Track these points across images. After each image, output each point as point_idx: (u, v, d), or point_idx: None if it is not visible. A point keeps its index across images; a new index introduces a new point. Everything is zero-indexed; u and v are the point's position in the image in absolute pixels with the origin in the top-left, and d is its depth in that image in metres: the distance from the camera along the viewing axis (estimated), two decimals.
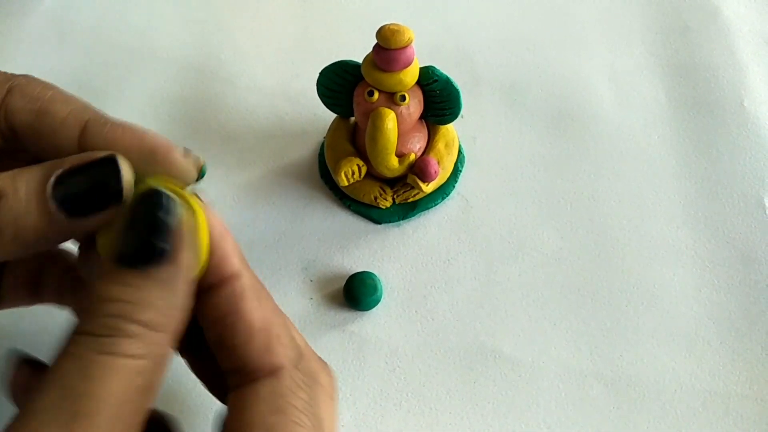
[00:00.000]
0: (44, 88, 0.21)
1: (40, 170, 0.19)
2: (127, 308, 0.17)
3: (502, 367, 0.30)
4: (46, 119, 0.21)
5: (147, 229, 0.18)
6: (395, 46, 0.29)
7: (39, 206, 0.18)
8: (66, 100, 0.21)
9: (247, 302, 0.20)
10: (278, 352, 0.20)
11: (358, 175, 0.33)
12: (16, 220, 0.18)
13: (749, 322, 0.31)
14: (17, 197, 0.18)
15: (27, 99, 0.21)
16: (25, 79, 0.22)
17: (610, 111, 0.38)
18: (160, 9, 0.44)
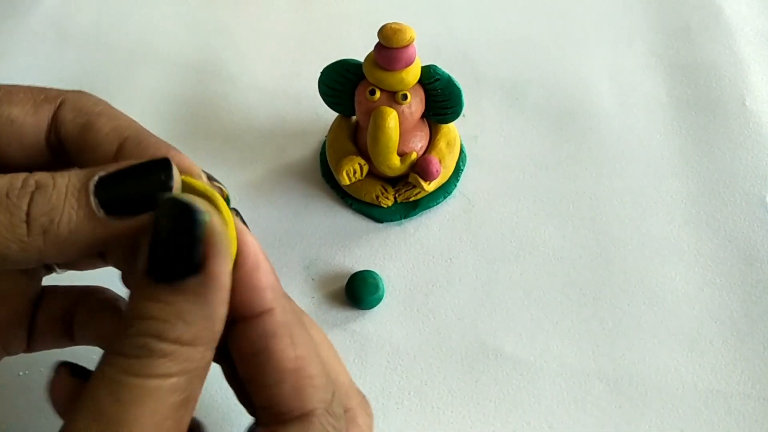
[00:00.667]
0: (95, 103, 0.22)
1: (82, 171, 0.19)
2: (158, 326, 0.17)
3: (504, 366, 0.30)
4: (90, 133, 0.21)
5: (174, 240, 0.17)
6: (397, 45, 0.29)
7: (79, 201, 0.18)
8: (113, 115, 0.21)
9: (278, 341, 0.19)
10: (309, 396, 0.19)
11: (359, 174, 0.33)
12: (51, 212, 0.18)
13: (751, 321, 0.31)
14: (57, 190, 0.18)
15: (76, 113, 0.21)
16: (77, 94, 0.22)
17: (611, 110, 0.38)
18: (161, 8, 0.44)
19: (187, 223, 0.17)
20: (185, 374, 0.17)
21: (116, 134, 0.21)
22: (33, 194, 0.18)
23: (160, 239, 0.17)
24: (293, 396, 0.19)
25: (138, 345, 0.17)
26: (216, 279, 0.17)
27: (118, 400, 0.16)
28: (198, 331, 0.17)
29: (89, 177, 0.18)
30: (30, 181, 0.18)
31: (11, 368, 0.31)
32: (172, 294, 0.17)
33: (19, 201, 0.17)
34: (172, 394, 0.17)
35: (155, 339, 0.17)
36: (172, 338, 0.17)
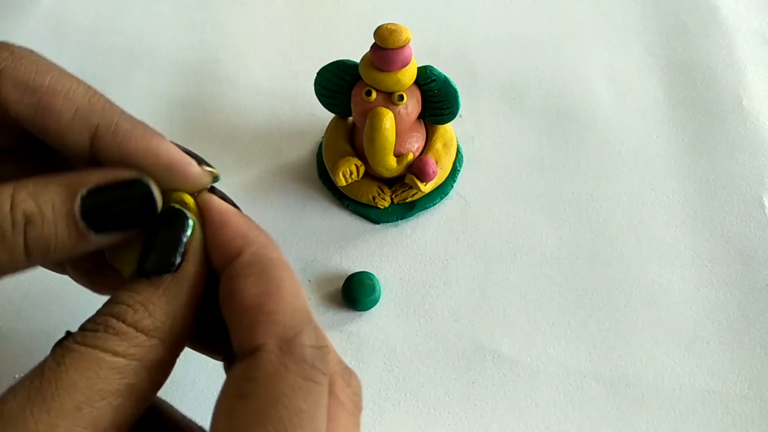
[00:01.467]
0: (36, 69, 0.19)
1: (63, 188, 0.18)
2: (121, 309, 0.18)
3: (501, 367, 0.30)
4: (49, 120, 0.19)
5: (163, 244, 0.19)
6: (393, 46, 0.29)
7: (68, 227, 0.18)
8: (65, 91, 0.19)
9: (240, 280, 0.18)
10: (260, 331, 0.17)
11: (356, 175, 0.33)
12: (46, 243, 0.18)
13: (748, 321, 0.31)
14: (47, 222, 0.18)
15: (21, 88, 0.19)
16: (10, 59, 0.19)
17: (608, 111, 0.38)
18: (158, 9, 0.44)
19: (178, 233, 0.19)
20: (132, 359, 0.17)
21: (83, 122, 0.19)
22: (26, 229, 0.18)
23: (152, 241, 0.19)
24: (247, 332, 0.17)
25: (97, 321, 0.18)
26: (188, 281, 0.18)
27: (58, 362, 0.17)
28: (156, 323, 0.18)
29: (73, 196, 0.18)
30: (18, 215, 0.17)
31: (7, 371, 0.31)
32: (146, 285, 0.18)
33: (16, 239, 0.17)
34: (114, 373, 0.17)
35: (114, 318, 0.18)
36: (129, 321, 0.18)
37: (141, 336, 0.17)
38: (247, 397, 0.16)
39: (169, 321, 0.18)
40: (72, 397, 0.16)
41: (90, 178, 0.18)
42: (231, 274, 0.18)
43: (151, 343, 0.18)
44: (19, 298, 0.32)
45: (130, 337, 0.17)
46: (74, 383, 0.16)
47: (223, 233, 0.19)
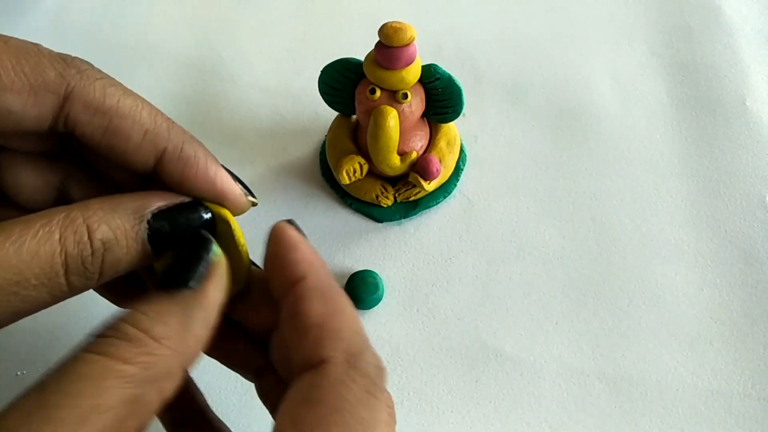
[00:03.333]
0: (104, 93, 0.20)
1: (131, 212, 0.19)
2: (137, 316, 0.17)
3: (504, 366, 0.30)
4: (118, 142, 0.20)
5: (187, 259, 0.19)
6: (397, 44, 0.29)
7: (137, 249, 0.19)
8: (134, 116, 0.20)
9: (306, 302, 0.19)
10: (327, 346, 0.18)
11: (359, 173, 0.33)
12: (117, 265, 0.19)
13: (751, 321, 0.31)
14: (120, 246, 0.19)
15: (92, 112, 0.20)
16: (78, 80, 0.20)
17: (612, 110, 0.38)
18: (161, 7, 0.44)
19: (202, 252, 0.19)
20: (142, 369, 0.17)
21: (151, 145, 0.20)
22: (103, 257, 0.18)
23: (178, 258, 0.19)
24: (313, 346, 0.18)
25: (110, 326, 0.17)
26: (205, 298, 0.19)
27: (64, 370, 0.16)
28: (170, 334, 0.18)
29: (140, 220, 0.19)
30: (97, 244, 0.18)
31: (10, 367, 0.31)
32: (165, 298, 0.18)
33: (94, 267, 0.18)
34: (121, 383, 0.16)
35: (127, 324, 0.17)
36: (142, 327, 0.17)
37: (153, 343, 0.17)
38: (314, 403, 0.17)
39: (182, 333, 0.18)
40: (76, 407, 0.16)
41: (153, 200, 0.20)
42: (297, 294, 0.19)
43: (162, 353, 0.17)
44: None
45: (142, 344, 0.17)
46: (79, 393, 0.16)
47: (291, 256, 0.20)
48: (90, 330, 0.28)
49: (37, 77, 0.19)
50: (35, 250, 0.17)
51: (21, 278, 0.17)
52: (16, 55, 0.19)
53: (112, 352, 0.17)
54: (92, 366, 0.16)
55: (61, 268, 0.18)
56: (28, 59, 0.19)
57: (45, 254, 0.18)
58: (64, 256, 0.18)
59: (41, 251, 0.17)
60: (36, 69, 0.19)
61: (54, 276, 0.18)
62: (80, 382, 0.16)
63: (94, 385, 0.16)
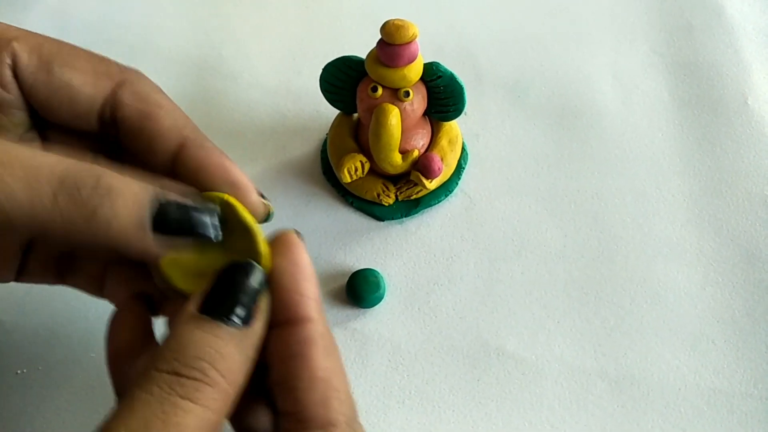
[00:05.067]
0: (152, 89, 0.23)
1: (145, 183, 0.20)
2: (212, 355, 0.18)
3: (506, 365, 0.30)
4: (149, 123, 0.23)
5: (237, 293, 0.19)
6: (399, 42, 0.29)
7: (137, 214, 0.19)
8: (170, 108, 0.23)
9: (315, 349, 0.20)
10: (335, 407, 0.20)
11: (361, 171, 0.33)
12: (112, 218, 0.19)
13: (753, 320, 0.31)
14: (123, 200, 0.19)
15: (136, 97, 0.23)
16: (135, 75, 0.24)
17: (613, 109, 0.38)
18: (162, 5, 0.43)
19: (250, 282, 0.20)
20: (218, 412, 0.18)
21: (176, 131, 0.23)
22: (104, 198, 0.19)
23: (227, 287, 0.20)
24: (321, 405, 0.19)
25: (195, 367, 0.18)
26: (256, 335, 0.19)
27: (167, 421, 0.17)
28: (235, 373, 0.18)
29: (149, 193, 0.20)
30: (103, 182, 0.19)
31: (9, 366, 0.31)
32: (224, 332, 0.19)
33: (91, 200, 0.19)
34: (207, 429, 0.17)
35: (210, 366, 0.18)
36: (221, 370, 0.18)
37: (226, 386, 0.18)
38: None
39: (242, 370, 0.19)
40: None
41: (170, 189, 0.20)
42: (306, 337, 0.20)
43: (230, 394, 0.18)
44: (23, 293, 0.32)
45: (221, 390, 0.18)
46: None
47: (304, 286, 0.20)
48: (90, 330, 0.28)
49: (101, 67, 0.23)
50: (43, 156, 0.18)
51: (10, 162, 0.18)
52: (90, 54, 0.23)
53: (202, 400, 0.17)
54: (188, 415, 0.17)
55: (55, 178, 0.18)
56: (100, 58, 0.23)
57: (48, 160, 0.18)
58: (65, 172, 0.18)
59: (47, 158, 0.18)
60: (103, 62, 0.23)
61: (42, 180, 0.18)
62: None
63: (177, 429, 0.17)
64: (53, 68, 0.22)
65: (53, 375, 0.31)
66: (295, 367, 0.20)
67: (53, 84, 0.22)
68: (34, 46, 0.23)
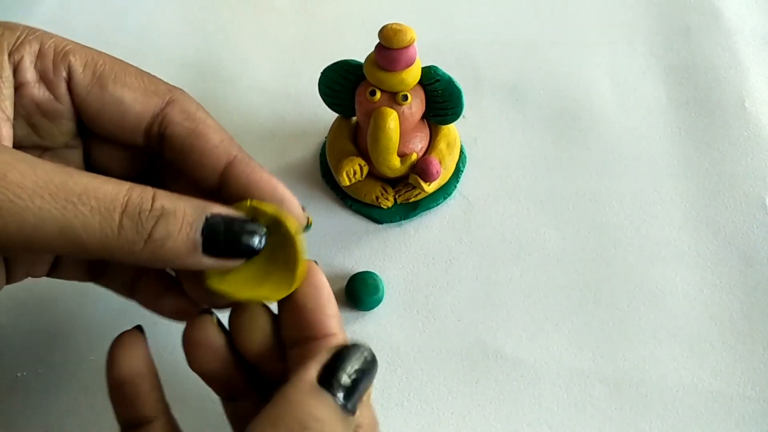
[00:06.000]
0: (198, 108, 0.24)
1: (196, 203, 0.21)
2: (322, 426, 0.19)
3: (504, 368, 0.30)
4: (199, 140, 0.23)
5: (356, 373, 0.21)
6: (397, 46, 0.29)
7: (188, 235, 0.20)
8: (216, 127, 0.24)
9: None
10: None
11: (359, 174, 0.33)
12: (166, 238, 0.20)
13: (751, 322, 0.31)
14: (175, 220, 0.20)
15: (185, 115, 0.24)
16: (182, 95, 0.24)
17: (611, 112, 0.38)
18: (161, 9, 0.44)
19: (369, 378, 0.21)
20: None
21: (224, 149, 0.23)
22: (158, 219, 0.20)
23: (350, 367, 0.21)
24: None
25: None
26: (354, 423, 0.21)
27: None
28: None
29: (201, 213, 0.21)
30: (158, 205, 0.20)
31: (10, 369, 0.31)
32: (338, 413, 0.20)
33: (147, 223, 0.20)
34: None
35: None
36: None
37: None
38: None
39: None
40: None
41: (218, 206, 0.21)
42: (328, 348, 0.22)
43: None
44: (23, 296, 0.32)
45: None
46: None
47: (327, 307, 0.23)
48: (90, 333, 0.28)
49: (150, 85, 0.24)
50: (106, 183, 0.20)
51: (84, 193, 0.19)
52: (140, 71, 0.24)
53: None
54: None
55: (120, 205, 0.20)
56: (149, 76, 0.24)
57: (112, 188, 0.20)
58: (127, 199, 0.20)
59: (110, 185, 0.20)
60: (152, 80, 0.24)
61: (111, 209, 0.19)
62: None
63: None
64: (107, 83, 0.23)
65: (54, 378, 0.31)
66: None
67: (105, 98, 0.23)
68: (90, 60, 0.23)
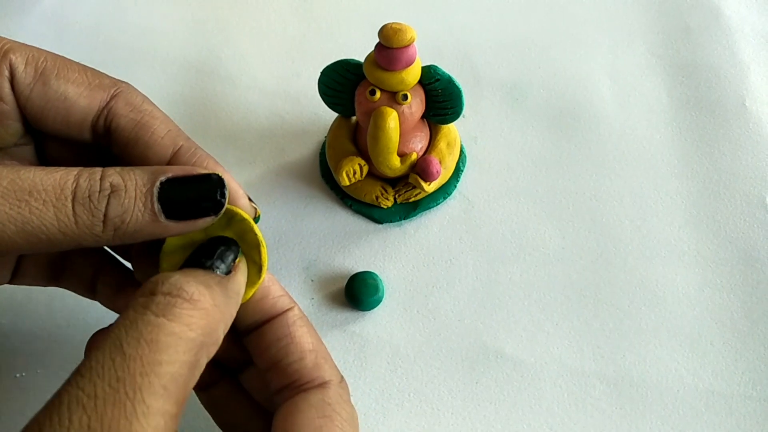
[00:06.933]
0: (144, 100, 0.24)
1: (147, 172, 0.21)
2: (191, 282, 0.19)
3: (504, 368, 0.30)
4: (144, 132, 0.23)
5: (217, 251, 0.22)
6: (397, 45, 0.29)
7: (146, 206, 0.21)
8: (163, 118, 0.24)
9: (299, 328, 0.23)
10: (326, 370, 0.23)
11: (359, 174, 0.33)
12: (123, 214, 0.20)
13: (751, 321, 0.31)
14: (128, 195, 0.20)
15: (130, 107, 0.24)
16: (127, 87, 0.24)
17: (611, 111, 0.38)
18: (160, 8, 0.43)
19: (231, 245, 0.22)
20: (200, 335, 0.18)
21: (170, 139, 0.24)
22: (109, 197, 0.20)
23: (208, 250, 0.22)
24: (314, 369, 0.22)
25: (172, 285, 0.19)
26: (236, 281, 0.21)
27: (142, 339, 0.17)
28: (219, 302, 0.20)
29: (153, 180, 0.21)
30: (106, 184, 0.20)
31: (8, 369, 0.31)
32: (205, 274, 0.20)
33: (99, 204, 0.20)
34: (185, 350, 0.18)
35: (188, 284, 0.19)
36: (199, 290, 0.19)
37: (210, 308, 0.19)
38: (330, 418, 0.21)
39: (225, 302, 0.20)
40: (159, 376, 0.17)
41: (171, 168, 0.21)
42: (290, 322, 0.23)
43: (215, 317, 0.19)
44: (22, 296, 0.32)
45: (200, 306, 0.19)
46: (159, 361, 0.17)
47: (274, 289, 0.24)
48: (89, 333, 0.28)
49: (94, 79, 0.24)
50: (52, 173, 0.20)
51: (33, 189, 0.19)
52: (83, 67, 0.24)
53: (179, 316, 0.18)
54: (164, 331, 0.18)
55: (69, 193, 0.20)
56: (92, 71, 0.24)
57: (59, 177, 0.20)
58: (75, 185, 0.20)
59: (57, 174, 0.20)
60: (96, 75, 0.24)
61: (63, 198, 0.20)
62: (158, 350, 0.17)
63: (170, 354, 0.17)
64: (49, 80, 0.23)
65: (52, 379, 0.31)
66: (285, 346, 0.23)
67: (48, 95, 0.23)
68: (30, 58, 0.23)
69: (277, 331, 0.23)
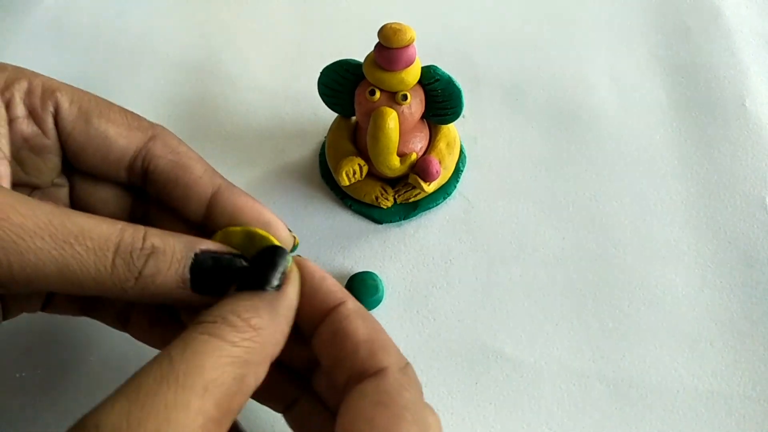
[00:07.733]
0: (179, 142, 0.25)
1: (185, 240, 0.22)
2: (235, 307, 0.20)
3: (504, 368, 0.30)
4: (183, 172, 0.24)
5: (267, 266, 0.22)
6: (397, 45, 0.29)
7: (177, 272, 0.21)
8: (198, 159, 0.25)
9: (351, 321, 0.22)
10: (382, 357, 0.21)
11: (359, 174, 0.33)
12: (155, 275, 0.21)
13: (751, 322, 0.31)
14: (165, 258, 0.21)
15: (168, 149, 0.25)
16: (163, 130, 0.25)
17: (611, 111, 0.38)
18: (161, 9, 0.44)
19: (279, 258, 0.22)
20: (245, 352, 0.19)
21: (208, 179, 0.25)
22: (149, 257, 0.21)
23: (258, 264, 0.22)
24: (368, 359, 0.21)
25: (216, 314, 0.20)
26: (286, 298, 0.22)
27: (186, 348, 0.19)
28: (263, 325, 0.20)
29: (191, 249, 0.22)
30: (148, 243, 0.21)
31: (9, 369, 0.31)
32: (254, 296, 0.21)
33: (138, 261, 0.21)
34: (231, 364, 0.19)
35: (232, 314, 0.20)
36: (243, 317, 0.20)
37: (252, 331, 0.20)
38: (384, 405, 0.20)
39: (272, 326, 0.21)
40: (201, 377, 0.18)
41: (206, 241, 0.22)
42: (342, 315, 0.22)
43: (259, 341, 0.20)
44: None
45: (244, 330, 0.20)
46: (202, 366, 0.18)
47: (326, 285, 0.23)
48: (90, 333, 0.28)
49: (133, 121, 0.25)
50: (100, 224, 0.21)
51: (81, 234, 0.20)
52: (123, 109, 0.25)
53: (223, 335, 0.19)
54: (209, 345, 0.19)
55: (113, 245, 0.21)
56: (132, 113, 0.25)
57: (106, 228, 0.21)
58: (119, 239, 0.21)
59: (104, 225, 0.21)
60: (134, 117, 0.25)
61: (105, 249, 0.20)
62: (202, 357, 0.18)
63: (213, 362, 0.19)
64: (91, 119, 0.24)
65: (53, 379, 0.31)
66: (340, 341, 0.22)
67: (90, 132, 0.24)
68: (76, 97, 0.24)
69: (331, 327, 0.22)
